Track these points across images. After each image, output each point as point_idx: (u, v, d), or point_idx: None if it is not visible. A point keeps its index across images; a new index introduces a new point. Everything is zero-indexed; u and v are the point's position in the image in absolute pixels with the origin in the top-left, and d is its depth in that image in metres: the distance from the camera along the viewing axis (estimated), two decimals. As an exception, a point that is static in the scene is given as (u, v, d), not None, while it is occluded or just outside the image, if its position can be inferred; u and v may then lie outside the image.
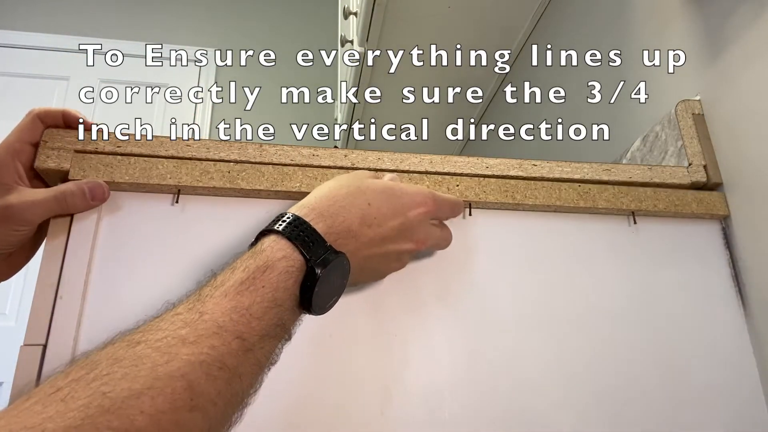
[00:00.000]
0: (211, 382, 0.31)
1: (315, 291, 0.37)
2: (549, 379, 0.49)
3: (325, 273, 0.37)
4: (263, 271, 0.36)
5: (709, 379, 0.51)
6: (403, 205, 0.44)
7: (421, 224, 0.45)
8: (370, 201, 0.42)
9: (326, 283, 0.38)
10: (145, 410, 0.28)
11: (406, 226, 0.44)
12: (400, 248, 0.44)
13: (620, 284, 0.53)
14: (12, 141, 0.45)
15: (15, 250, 0.46)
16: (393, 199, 0.43)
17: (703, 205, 0.57)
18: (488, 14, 1.07)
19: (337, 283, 0.40)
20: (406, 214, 0.44)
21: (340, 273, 0.40)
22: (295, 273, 0.37)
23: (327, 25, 2.45)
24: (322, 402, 0.45)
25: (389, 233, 0.43)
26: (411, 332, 0.48)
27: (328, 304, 0.40)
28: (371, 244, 0.42)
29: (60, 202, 0.44)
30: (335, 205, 0.41)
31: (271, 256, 0.37)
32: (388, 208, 0.43)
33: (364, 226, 0.42)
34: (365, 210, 0.42)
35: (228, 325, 0.33)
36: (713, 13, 0.61)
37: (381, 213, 0.42)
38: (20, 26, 2.33)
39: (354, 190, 0.43)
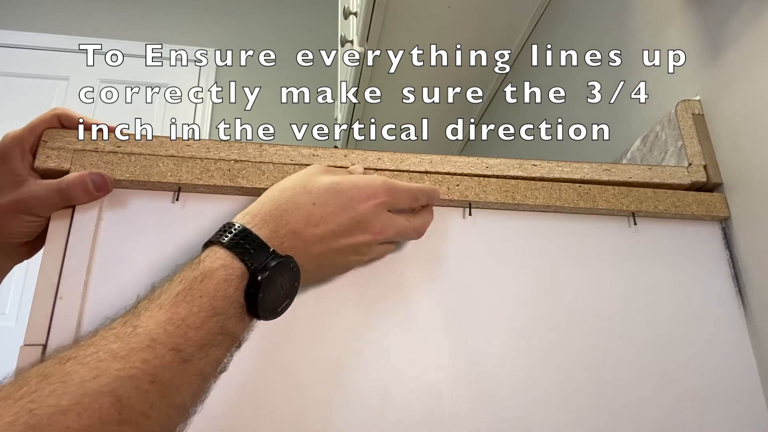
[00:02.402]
0: (141, 396, 0.31)
1: (260, 297, 0.37)
2: (548, 380, 0.49)
3: (268, 278, 0.37)
4: (200, 281, 0.36)
5: (710, 379, 0.51)
6: (351, 198, 0.43)
7: (375, 215, 0.44)
8: (315, 200, 0.42)
9: (271, 287, 0.38)
10: (71, 426, 0.28)
11: (358, 219, 0.43)
12: (355, 241, 0.44)
13: (620, 285, 0.53)
14: (25, 134, 0.46)
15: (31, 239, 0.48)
16: (339, 195, 0.43)
17: (703, 206, 0.57)
18: (488, 14, 1.07)
19: (287, 286, 0.40)
20: (356, 207, 0.43)
21: (288, 276, 0.40)
22: (236, 280, 0.37)
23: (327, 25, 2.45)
24: (322, 402, 0.45)
25: (339, 228, 0.43)
26: (411, 332, 0.48)
27: (280, 308, 0.40)
28: (321, 242, 0.42)
29: (63, 195, 0.45)
30: (279, 209, 0.41)
31: (209, 265, 0.37)
32: (335, 204, 0.43)
33: (309, 227, 0.41)
34: (310, 210, 0.42)
35: (162, 338, 0.33)
36: (713, 13, 0.61)
37: (327, 211, 0.42)
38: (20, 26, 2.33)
39: (299, 190, 0.43)
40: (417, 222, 0.48)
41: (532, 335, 0.50)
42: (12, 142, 0.45)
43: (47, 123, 0.47)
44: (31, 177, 0.45)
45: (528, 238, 0.53)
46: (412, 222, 0.48)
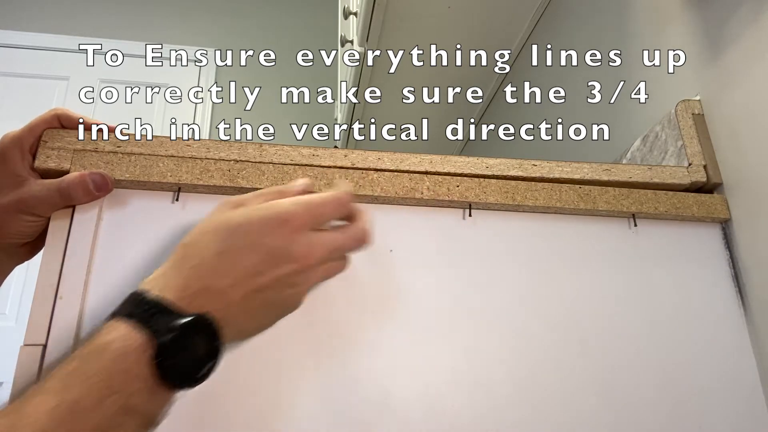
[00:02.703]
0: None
1: (170, 363, 0.33)
2: (549, 380, 0.49)
3: (174, 341, 0.33)
4: (94, 357, 0.33)
5: (710, 380, 0.51)
6: (259, 233, 0.38)
7: (294, 241, 0.39)
8: (220, 248, 0.38)
9: (181, 352, 0.34)
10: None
11: (272, 253, 0.38)
12: (279, 274, 0.38)
13: (621, 286, 0.53)
14: (24, 134, 0.46)
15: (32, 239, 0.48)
16: (246, 234, 0.38)
17: (704, 207, 0.57)
18: (488, 14, 1.07)
19: (203, 347, 0.35)
20: (265, 242, 0.38)
21: (205, 335, 0.35)
22: (135, 352, 0.33)
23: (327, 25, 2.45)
24: (322, 402, 0.45)
25: (253, 269, 0.38)
26: (411, 333, 0.48)
27: (200, 373, 0.35)
28: (238, 289, 0.37)
29: (63, 194, 0.45)
30: (185, 267, 0.37)
31: (103, 339, 0.33)
32: (242, 245, 0.38)
33: (218, 278, 0.37)
34: (216, 261, 0.37)
35: (50, 427, 0.30)
36: (713, 13, 0.61)
37: (234, 256, 0.38)
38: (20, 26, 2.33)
39: (206, 240, 0.38)
40: (354, 230, 0.42)
41: (532, 336, 0.50)
42: (12, 142, 0.45)
43: (47, 123, 0.47)
44: (31, 177, 0.45)
45: (528, 240, 0.53)
46: (348, 231, 0.42)
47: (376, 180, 0.51)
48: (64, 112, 0.48)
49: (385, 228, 0.51)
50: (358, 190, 0.51)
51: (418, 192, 0.52)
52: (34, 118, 0.47)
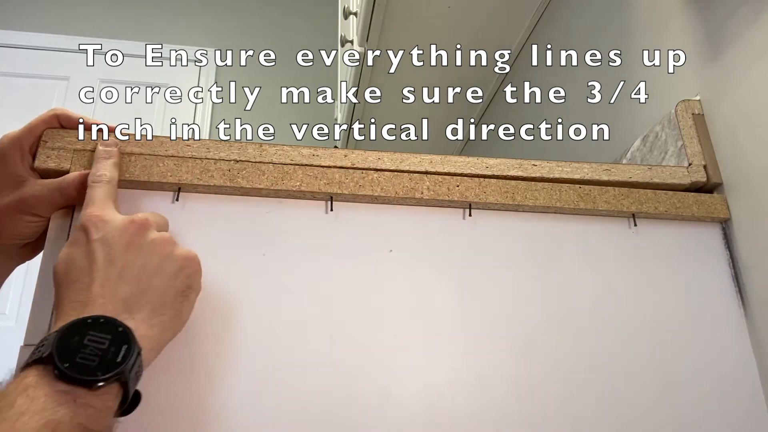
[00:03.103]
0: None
1: (68, 365, 0.32)
2: (548, 380, 0.49)
3: (61, 345, 0.32)
4: (3, 401, 0.31)
5: (710, 380, 0.51)
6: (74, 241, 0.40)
7: (85, 222, 0.40)
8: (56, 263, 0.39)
9: (74, 349, 0.33)
10: None
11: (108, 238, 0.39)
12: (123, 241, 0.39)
13: (621, 286, 0.53)
14: (24, 135, 0.46)
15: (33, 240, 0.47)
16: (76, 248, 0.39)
17: (704, 207, 0.57)
18: (488, 14, 1.07)
19: (102, 334, 0.34)
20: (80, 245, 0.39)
21: (97, 328, 0.34)
22: (36, 377, 0.32)
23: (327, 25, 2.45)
24: (322, 402, 0.45)
25: (106, 257, 0.39)
26: (411, 332, 0.48)
27: (118, 358, 0.33)
28: (104, 277, 0.38)
29: (64, 194, 0.45)
30: (55, 298, 0.38)
31: (2, 390, 0.32)
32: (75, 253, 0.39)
33: (64, 285, 0.38)
34: (76, 273, 0.38)
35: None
36: (713, 13, 0.61)
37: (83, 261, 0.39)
38: (20, 26, 2.33)
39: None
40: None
41: (532, 336, 0.50)
42: (11, 142, 0.45)
43: (46, 123, 0.47)
44: (31, 177, 0.45)
45: (528, 240, 0.53)
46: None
47: (376, 180, 0.51)
48: (63, 112, 0.48)
49: (385, 228, 0.51)
50: (358, 190, 0.51)
51: (418, 192, 0.52)
52: (34, 119, 0.47)
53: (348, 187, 0.51)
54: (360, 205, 0.52)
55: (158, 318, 0.38)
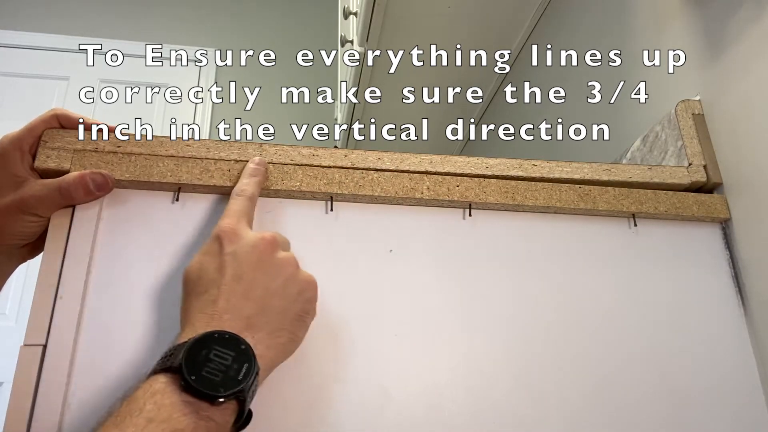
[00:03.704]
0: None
1: (195, 378, 0.33)
2: (548, 380, 0.49)
3: (189, 358, 0.34)
4: (126, 404, 0.33)
5: (710, 380, 0.51)
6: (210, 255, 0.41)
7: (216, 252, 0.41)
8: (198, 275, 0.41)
9: (200, 365, 0.34)
10: None
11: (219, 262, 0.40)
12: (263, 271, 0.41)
13: (621, 286, 0.53)
14: (24, 135, 0.46)
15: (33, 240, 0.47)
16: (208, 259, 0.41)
17: (704, 207, 0.57)
18: (488, 14, 1.07)
19: (228, 352, 0.35)
20: (213, 258, 0.41)
21: (223, 343, 0.35)
22: (161, 386, 0.34)
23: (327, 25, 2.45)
24: (322, 402, 0.45)
25: (247, 284, 0.40)
26: (411, 332, 0.48)
27: (239, 375, 0.35)
28: (242, 298, 0.39)
29: (64, 194, 0.45)
30: (185, 307, 0.40)
31: (133, 392, 0.34)
32: (211, 265, 0.41)
33: (194, 294, 0.39)
34: (214, 287, 0.39)
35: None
36: (713, 13, 0.61)
37: (209, 277, 0.40)
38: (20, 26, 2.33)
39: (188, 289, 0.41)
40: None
41: (532, 336, 0.50)
42: (11, 143, 0.45)
43: (46, 123, 0.47)
44: (31, 177, 0.45)
45: (528, 240, 0.53)
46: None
47: (376, 180, 0.51)
48: (63, 112, 0.48)
49: (385, 228, 0.51)
50: (358, 190, 0.51)
51: (418, 192, 0.52)
52: (34, 119, 0.47)
53: (348, 187, 0.51)
54: (360, 205, 0.52)
55: (275, 340, 0.39)
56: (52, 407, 0.40)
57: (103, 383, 0.42)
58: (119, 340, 0.43)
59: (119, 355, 0.43)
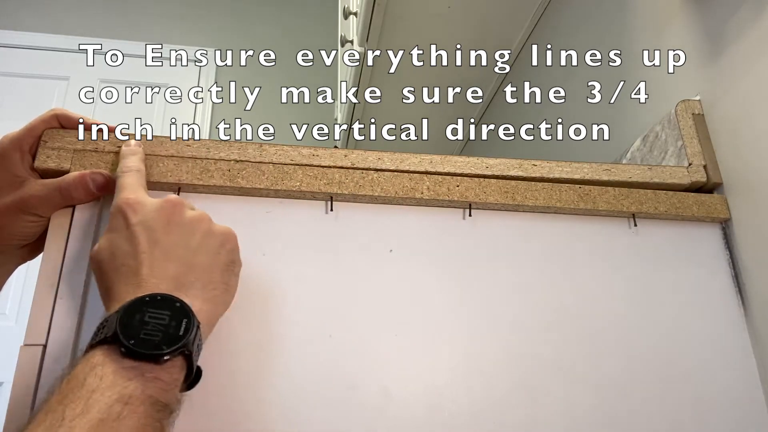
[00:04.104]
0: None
1: (132, 341, 0.33)
2: (548, 380, 0.49)
3: (124, 322, 0.33)
4: (67, 382, 0.32)
5: (710, 380, 0.51)
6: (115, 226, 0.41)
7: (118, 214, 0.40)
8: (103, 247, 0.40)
9: (136, 325, 0.33)
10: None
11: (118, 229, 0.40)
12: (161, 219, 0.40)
13: (621, 286, 0.53)
14: (24, 135, 0.46)
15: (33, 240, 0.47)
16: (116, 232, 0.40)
17: (704, 207, 0.57)
18: (488, 14, 1.07)
19: (162, 312, 0.35)
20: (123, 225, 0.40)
21: (156, 305, 0.35)
22: (103, 355, 0.33)
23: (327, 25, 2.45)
24: (323, 402, 0.45)
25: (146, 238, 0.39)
26: (411, 332, 0.48)
27: (179, 332, 0.34)
28: (149, 254, 0.38)
29: (64, 193, 0.45)
30: (101, 277, 0.39)
31: (71, 370, 0.33)
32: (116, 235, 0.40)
33: (112, 271, 0.39)
34: (119, 253, 0.39)
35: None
36: (713, 13, 0.61)
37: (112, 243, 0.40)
38: (20, 26, 2.33)
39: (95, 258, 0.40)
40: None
41: (531, 336, 0.50)
42: (11, 143, 0.45)
43: (46, 123, 0.47)
44: (31, 177, 0.45)
45: (528, 240, 0.53)
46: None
47: (376, 180, 0.51)
48: (63, 112, 0.48)
49: (385, 228, 0.51)
50: (358, 190, 0.51)
51: (418, 192, 0.52)
52: (34, 119, 0.47)
53: (348, 187, 0.51)
54: (360, 205, 0.52)
55: (210, 293, 0.39)
56: (52, 407, 0.40)
57: (103, 383, 0.42)
58: (119, 340, 0.43)
59: (119, 355, 0.43)
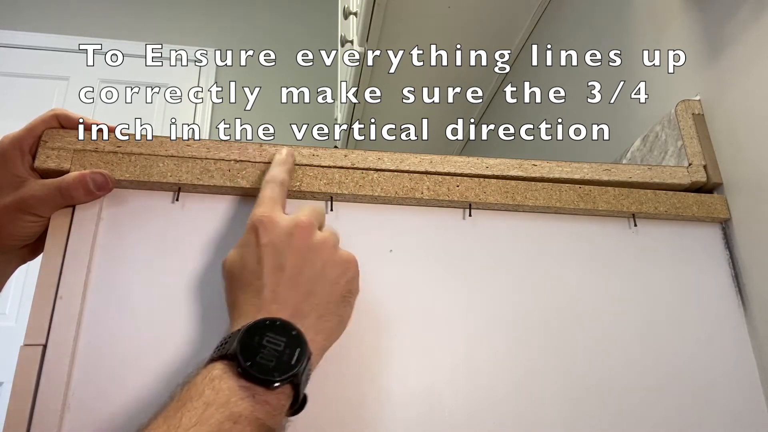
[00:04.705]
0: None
1: (247, 365, 0.35)
2: (548, 380, 0.49)
3: (245, 345, 0.35)
4: (187, 390, 0.35)
5: (710, 380, 0.51)
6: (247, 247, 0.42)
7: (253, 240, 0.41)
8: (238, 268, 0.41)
9: (254, 351, 0.35)
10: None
11: (261, 251, 0.41)
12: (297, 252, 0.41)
13: (621, 286, 0.53)
14: (24, 135, 0.46)
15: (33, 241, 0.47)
16: (248, 250, 0.42)
17: (704, 207, 0.57)
18: (488, 14, 1.07)
19: (280, 340, 0.36)
20: (254, 246, 0.41)
21: (274, 331, 0.37)
22: (219, 373, 0.35)
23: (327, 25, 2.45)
24: (322, 402, 0.45)
25: (290, 268, 0.40)
26: (411, 332, 0.48)
27: (292, 361, 0.36)
28: (282, 283, 0.40)
29: (64, 194, 0.45)
30: (232, 298, 0.41)
31: (191, 380, 0.36)
32: (250, 256, 0.41)
33: (239, 287, 0.40)
34: (259, 276, 0.40)
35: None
36: (713, 13, 0.61)
37: (250, 268, 0.41)
38: (20, 26, 2.33)
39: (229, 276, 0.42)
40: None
41: (531, 336, 0.50)
42: (11, 143, 0.45)
43: (46, 123, 0.47)
44: (31, 177, 0.45)
45: (528, 240, 0.53)
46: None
47: (376, 180, 0.51)
48: (63, 112, 0.48)
49: (385, 228, 0.51)
50: (358, 190, 0.51)
51: (418, 192, 0.52)
52: (34, 119, 0.47)
53: (348, 187, 0.51)
54: (360, 205, 0.52)
55: (324, 324, 0.40)
56: (52, 407, 0.40)
57: (103, 383, 0.42)
58: (119, 340, 0.43)
59: (119, 354, 0.43)
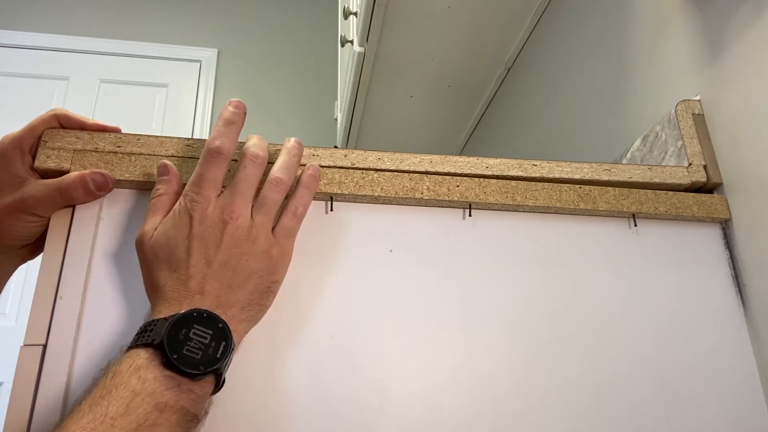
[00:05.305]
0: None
1: (173, 357, 0.36)
2: (548, 381, 0.49)
3: (171, 336, 0.36)
4: (111, 378, 0.35)
5: (709, 380, 0.51)
6: (170, 233, 0.42)
7: (202, 216, 0.41)
8: (149, 257, 0.41)
9: (181, 343, 0.36)
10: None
11: (190, 235, 0.41)
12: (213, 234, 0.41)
13: (621, 286, 0.53)
14: (24, 135, 0.46)
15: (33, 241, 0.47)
16: (168, 237, 0.41)
17: (704, 208, 0.57)
18: (488, 14, 1.07)
19: (208, 332, 0.37)
20: (180, 231, 0.41)
21: (201, 323, 0.37)
22: (145, 361, 0.36)
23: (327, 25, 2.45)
24: (322, 402, 0.45)
25: (204, 249, 0.41)
26: (411, 332, 0.48)
27: (218, 353, 0.37)
28: (204, 268, 0.40)
29: (64, 194, 0.45)
30: (151, 287, 0.41)
31: (117, 367, 0.36)
32: (173, 235, 0.41)
33: (167, 270, 0.40)
34: (157, 269, 0.41)
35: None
36: (713, 13, 0.61)
37: (164, 254, 0.41)
38: (20, 26, 2.33)
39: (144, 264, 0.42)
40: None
41: (531, 336, 0.50)
42: (11, 143, 0.45)
43: (46, 123, 0.47)
44: (31, 177, 0.45)
45: (528, 240, 0.53)
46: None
47: (376, 180, 0.51)
48: (63, 112, 0.48)
49: (385, 228, 0.51)
50: (358, 190, 0.51)
51: (418, 192, 0.52)
52: (34, 119, 0.47)
53: (348, 187, 0.51)
54: (360, 205, 0.52)
55: (246, 314, 0.41)
56: (52, 407, 0.40)
57: (103, 383, 0.42)
58: (119, 340, 0.43)
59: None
